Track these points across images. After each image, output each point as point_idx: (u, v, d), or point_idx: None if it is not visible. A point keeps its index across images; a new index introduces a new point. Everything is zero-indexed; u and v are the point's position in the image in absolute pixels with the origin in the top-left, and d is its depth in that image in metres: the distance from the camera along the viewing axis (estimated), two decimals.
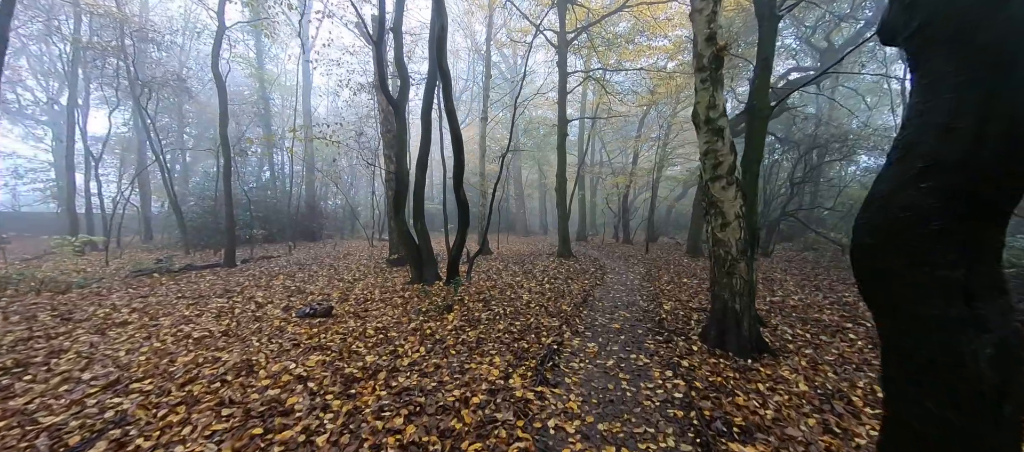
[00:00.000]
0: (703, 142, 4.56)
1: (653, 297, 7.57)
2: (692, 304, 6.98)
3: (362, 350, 4.54)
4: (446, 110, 6.98)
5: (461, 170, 7.18)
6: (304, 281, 9.30)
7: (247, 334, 5.29)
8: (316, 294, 7.98)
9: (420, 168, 8.41)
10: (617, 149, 25.86)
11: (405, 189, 8.08)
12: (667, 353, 4.55)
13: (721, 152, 4.45)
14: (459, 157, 7.08)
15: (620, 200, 20.82)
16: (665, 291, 8.14)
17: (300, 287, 8.56)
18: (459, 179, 7.23)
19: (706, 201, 4.71)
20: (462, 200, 7.39)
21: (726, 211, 4.49)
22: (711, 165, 4.52)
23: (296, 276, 9.95)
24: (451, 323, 5.56)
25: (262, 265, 11.84)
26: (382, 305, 6.80)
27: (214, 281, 9.15)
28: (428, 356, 4.38)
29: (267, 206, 18.35)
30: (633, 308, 6.69)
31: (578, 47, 14.49)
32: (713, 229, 4.65)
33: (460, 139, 7.01)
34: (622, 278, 9.81)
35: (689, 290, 8.26)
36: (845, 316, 6.17)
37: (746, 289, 4.54)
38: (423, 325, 5.49)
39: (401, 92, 8.16)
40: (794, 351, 4.70)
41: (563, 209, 13.53)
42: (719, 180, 4.48)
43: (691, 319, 5.97)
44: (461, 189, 7.31)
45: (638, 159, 20.18)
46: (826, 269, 11.02)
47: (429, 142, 8.26)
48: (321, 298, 7.57)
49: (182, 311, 6.58)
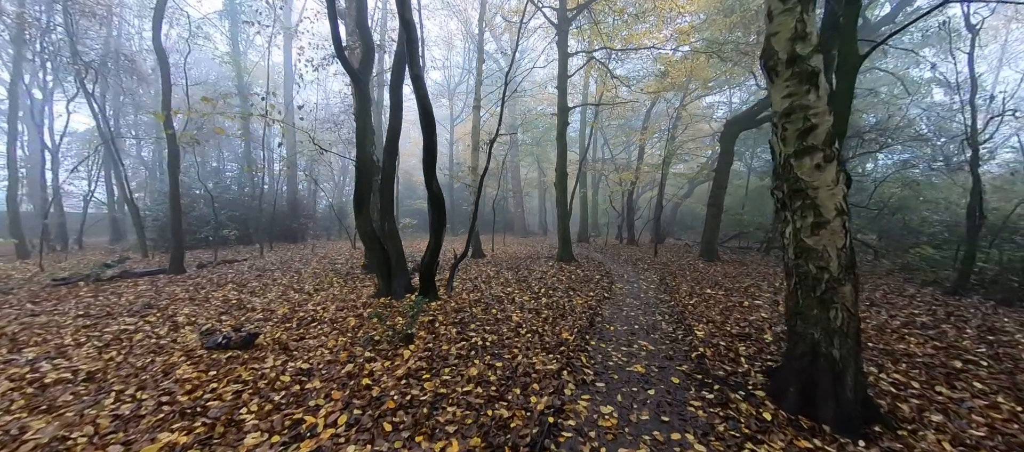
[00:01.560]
0: (783, 94, 2.86)
1: (678, 317, 5.87)
2: (731, 328, 5.28)
3: (250, 421, 2.86)
4: (412, 76, 5.30)
5: (432, 156, 5.50)
6: (253, 292, 7.63)
7: (116, 379, 3.62)
8: (258, 310, 6.32)
9: (388, 154, 6.75)
10: (620, 145, 24.16)
11: (367, 180, 6.42)
12: (727, 426, 2.85)
13: (813, 109, 2.76)
14: (430, 139, 5.41)
15: (624, 198, 19.11)
16: (690, 308, 6.44)
17: (243, 301, 6.90)
18: (430, 167, 5.56)
19: (782, 189, 3.01)
20: (435, 194, 5.71)
21: (822, 203, 2.79)
22: (796, 131, 2.82)
23: (248, 285, 8.28)
24: (405, 364, 3.87)
25: (219, 271, 10.18)
26: (328, 329, 5.12)
27: (142, 293, 7.48)
28: (349, 433, 2.70)
29: (245, 205, 16.70)
30: (656, 334, 4.99)
31: (580, 31, 12.82)
32: (794, 232, 2.95)
33: (430, 115, 5.33)
34: (633, 288, 8.11)
35: (719, 305, 6.56)
36: (943, 348, 4.47)
37: (851, 326, 2.84)
38: (364, 367, 3.81)
39: (363, 62, 6.50)
40: (914, 418, 3.01)
41: (564, 207, 11.83)
42: (810, 155, 2.78)
43: (739, 354, 4.27)
44: (433, 180, 5.63)
45: (644, 154, 18.47)
46: (870, 277, 9.30)
47: (399, 121, 6.59)
48: (261, 316, 5.91)
49: (65, 338, 4.92)
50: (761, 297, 7.25)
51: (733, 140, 12.76)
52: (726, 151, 12.58)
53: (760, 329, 5.27)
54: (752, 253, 14.89)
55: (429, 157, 5.48)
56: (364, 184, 6.48)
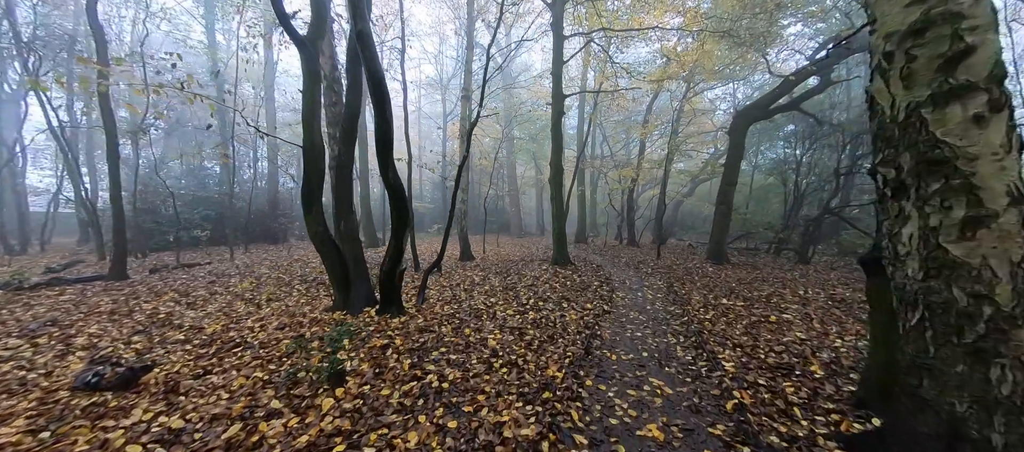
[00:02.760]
0: None
1: (695, 338, 4.66)
2: (765, 355, 4.08)
3: None
4: (356, 32, 4.10)
5: (386, 139, 4.30)
6: (193, 304, 6.43)
7: None
8: (186, 327, 5.13)
9: (345, 139, 5.55)
10: (620, 141, 22.98)
11: (318, 170, 5.22)
12: None
13: (970, 18, 1.55)
14: (382, 117, 4.21)
15: (624, 197, 17.90)
16: (708, 325, 5.23)
17: (172, 316, 5.69)
18: (385, 153, 4.36)
19: (898, 164, 1.80)
20: (393, 187, 4.51)
21: (983, 183, 1.58)
22: (935, 60, 1.61)
23: (193, 294, 7.08)
24: (320, 421, 2.67)
25: (172, 277, 8.98)
26: (250, 359, 3.91)
27: (60, 304, 6.28)
28: None
29: (221, 203, 15.48)
30: (672, 367, 3.79)
31: (577, 18, 11.62)
32: (924, 233, 1.75)
33: (381, 86, 4.13)
34: (637, 298, 6.91)
35: (742, 321, 5.35)
36: None
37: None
38: (259, 428, 2.61)
39: (313, 25, 5.30)
40: None
41: (559, 205, 10.62)
42: (961, 99, 1.58)
43: (789, 402, 3.07)
44: (390, 169, 4.42)
45: (645, 150, 17.26)
46: None
47: (358, 98, 5.39)
48: (183, 335, 4.70)
49: None
50: (788, 310, 6.04)
51: (744, 132, 11.57)
52: (736, 144, 11.38)
53: (802, 356, 4.07)
54: (761, 255, 13.69)
55: (382, 140, 4.28)
56: (313, 175, 5.28)
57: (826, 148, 13.83)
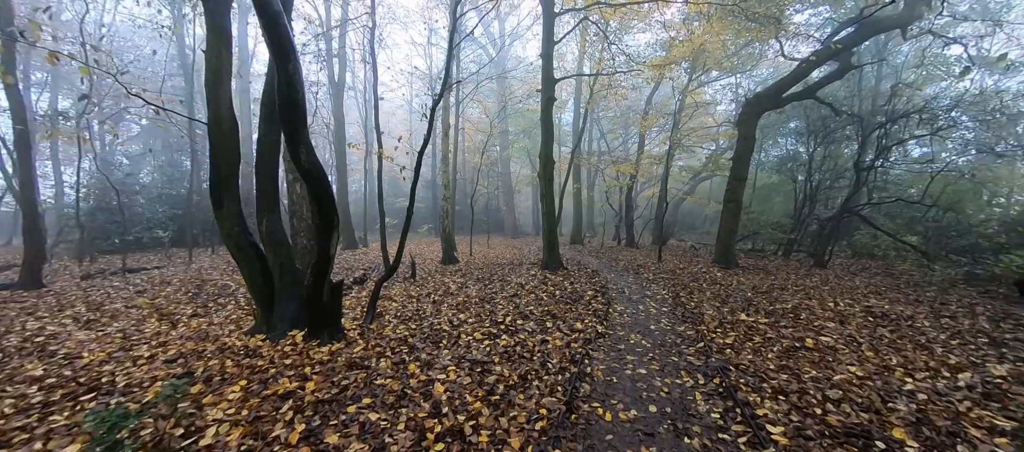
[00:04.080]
0: None
1: (718, 377, 3.43)
2: (816, 402, 2.85)
3: None
4: None
5: (293, 107, 3.06)
6: (92, 322, 5.19)
7: None
8: (59, 355, 3.90)
9: (265, 117, 4.31)
10: (618, 137, 21.77)
11: (230, 156, 3.99)
12: None
13: None
14: (285, 79, 2.97)
15: (622, 195, 16.66)
16: (731, 353, 4.00)
17: (48, 341, 4.44)
18: (294, 126, 3.12)
19: None
20: (309, 174, 3.26)
21: None
22: None
23: (104, 307, 5.85)
24: None
25: (105, 284, 7.73)
26: (79, 420, 2.67)
27: None
28: None
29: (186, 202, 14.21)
30: (692, 434, 2.56)
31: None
32: None
33: (278, 32, 2.90)
34: (638, 313, 5.69)
35: (773, 347, 4.13)
36: None
37: None
38: None
39: None
40: None
41: (550, 202, 9.37)
42: None
43: None
44: (301, 148, 3.18)
45: (644, 144, 16.03)
46: (926, 288, 6.87)
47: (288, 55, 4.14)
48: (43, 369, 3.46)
49: None
50: (825, 330, 4.82)
51: (755, 122, 10.35)
52: (746, 135, 10.16)
53: (872, 409, 2.85)
54: (769, 257, 12.48)
55: (287, 105, 3.04)
56: (223, 161, 4.04)
57: (843, 140, 12.63)
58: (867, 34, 8.90)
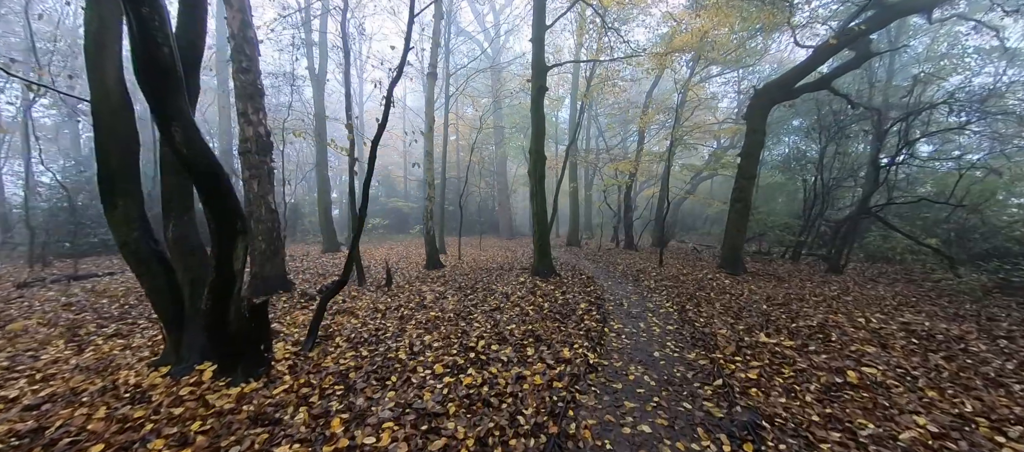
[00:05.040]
0: None
1: (749, 436, 2.53)
2: None
3: None
4: None
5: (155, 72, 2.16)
6: None
7: None
8: None
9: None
10: (617, 135, 20.87)
11: (117, 143, 3.11)
12: None
13: None
14: (137, 21, 2.06)
15: (621, 194, 15.76)
16: (758, 395, 3.11)
17: None
18: (161, 101, 2.22)
19: None
20: (190, 164, 2.36)
21: None
22: None
23: (5, 327, 4.94)
24: None
25: (42, 293, 6.83)
26: None
27: None
28: None
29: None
30: None
31: None
32: None
33: None
34: (639, 333, 4.79)
35: (806, 382, 3.24)
36: None
37: None
38: None
39: None
40: None
41: (542, 202, 8.44)
42: None
43: None
44: (173, 127, 2.28)
45: (644, 140, 15.12)
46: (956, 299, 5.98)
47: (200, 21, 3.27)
48: None
49: None
50: (866, 357, 3.93)
51: (764, 116, 9.45)
52: (755, 130, 9.26)
53: None
54: (777, 261, 11.60)
55: (149, 69, 2.15)
56: (113, 148, 3.14)
57: (855, 137, 11.72)
58: (891, 16, 8.01)
